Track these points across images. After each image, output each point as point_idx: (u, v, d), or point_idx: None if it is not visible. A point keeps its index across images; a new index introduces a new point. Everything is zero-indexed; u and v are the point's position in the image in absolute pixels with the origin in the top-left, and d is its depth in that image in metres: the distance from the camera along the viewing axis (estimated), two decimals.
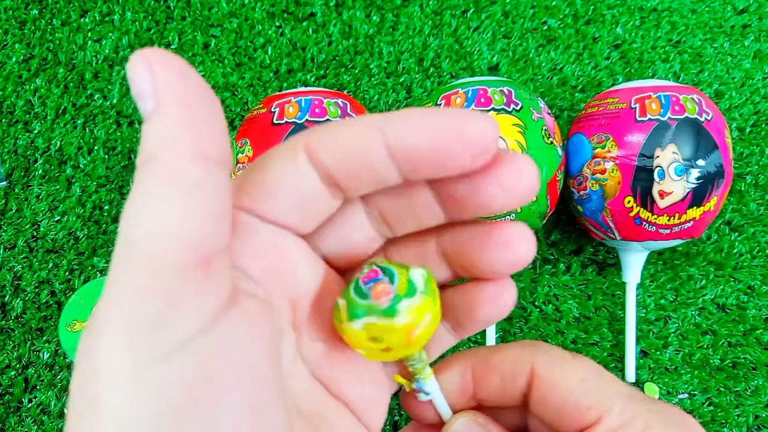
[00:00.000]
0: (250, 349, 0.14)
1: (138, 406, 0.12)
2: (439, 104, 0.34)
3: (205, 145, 0.13)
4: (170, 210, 0.12)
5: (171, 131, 0.13)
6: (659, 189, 0.32)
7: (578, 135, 0.36)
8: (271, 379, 0.14)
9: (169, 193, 0.12)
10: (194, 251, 0.12)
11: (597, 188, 0.34)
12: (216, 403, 0.12)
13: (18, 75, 0.42)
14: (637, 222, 0.33)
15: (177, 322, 0.12)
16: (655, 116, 0.33)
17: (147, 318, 0.12)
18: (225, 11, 0.44)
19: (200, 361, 0.12)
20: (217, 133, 0.13)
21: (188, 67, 0.13)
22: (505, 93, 0.33)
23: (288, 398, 0.16)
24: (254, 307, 0.15)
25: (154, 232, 0.12)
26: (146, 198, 0.12)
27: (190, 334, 0.12)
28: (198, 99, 0.13)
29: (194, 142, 0.13)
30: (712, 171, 0.32)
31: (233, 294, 0.14)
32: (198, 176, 0.13)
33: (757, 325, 0.39)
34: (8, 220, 0.40)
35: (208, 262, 0.13)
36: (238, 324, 0.13)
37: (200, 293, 0.13)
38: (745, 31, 0.44)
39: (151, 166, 0.13)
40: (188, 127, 0.13)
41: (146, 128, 0.13)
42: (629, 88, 0.35)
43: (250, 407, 0.13)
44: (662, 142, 0.32)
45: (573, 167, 0.36)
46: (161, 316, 0.12)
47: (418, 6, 0.44)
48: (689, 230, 0.34)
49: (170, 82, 0.13)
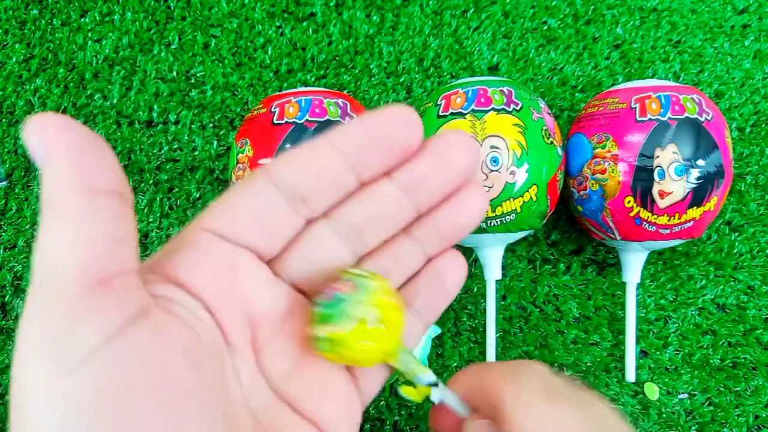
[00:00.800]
0: (159, 358, 0.15)
1: (52, 415, 0.13)
2: (439, 104, 0.34)
3: (91, 180, 0.14)
4: (62, 242, 0.14)
5: (59, 176, 0.14)
6: (659, 189, 0.32)
7: (578, 135, 0.36)
8: (191, 387, 0.15)
9: (60, 227, 0.14)
10: (89, 275, 0.14)
11: (597, 188, 0.34)
12: (125, 409, 0.14)
13: (18, 75, 0.42)
14: (637, 222, 0.33)
15: (80, 338, 0.14)
16: (655, 116, 0.33)
17: (53, 338, 0.14)
18: (225, 11, 0.44)
19: (106, 371, 0.14)
20: (104, 168, 0.15)
21: (72, 121, 0.15)
22: (505, 93, 0.33)
23: (232, 409, 0.17)
24: (168, 320, 0.16)
25: (52, 264, 0.14)
26: (44, 235, 0.14)
27: (93, 347, 0.14)
28: (82, 144, 0.14)
29: (80, 179, 0.14)
30: (712, 171, 0.32)
31: (145, 308, 0.15)
32: (85, 208, 0.14)
33: (757, 325, 0.39)
34: (8, 220, 0.40)
35: (107, 282, 0.14)
36: (146, 335, 0.15)
37: (101, 311, 0.14)
38: (745, 31, 0.44)
39: (47, 208, 0.14)
40: (73, 170, 0.14)
41: (43, 180, 0.15)
42: (629, 88, 0.35)
43: (162, 412, 0.14)
44: (662, 142, 0.32)
45: (573, 167, 0.36)
46: (65, 334, 0.14)
47: (418, 6, 0.44)
48: (689, 230, 0.34)
49: (56, 139, 0.14)
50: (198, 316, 0.17)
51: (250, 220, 0.18)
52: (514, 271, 0.40)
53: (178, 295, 0.17)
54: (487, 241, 0.35)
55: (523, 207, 0.33)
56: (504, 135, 0.32)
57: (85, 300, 0.14)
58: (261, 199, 0.18)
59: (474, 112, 0.33)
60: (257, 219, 0.18)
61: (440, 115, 0.33)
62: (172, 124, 0.42)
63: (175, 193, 0.41)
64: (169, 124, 0.42)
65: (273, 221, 0.18)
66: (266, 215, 0.18)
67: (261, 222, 0.18)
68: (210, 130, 0.42)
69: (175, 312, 0.16)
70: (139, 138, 0.41)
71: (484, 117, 0.32)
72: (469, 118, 0.32)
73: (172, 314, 0.16)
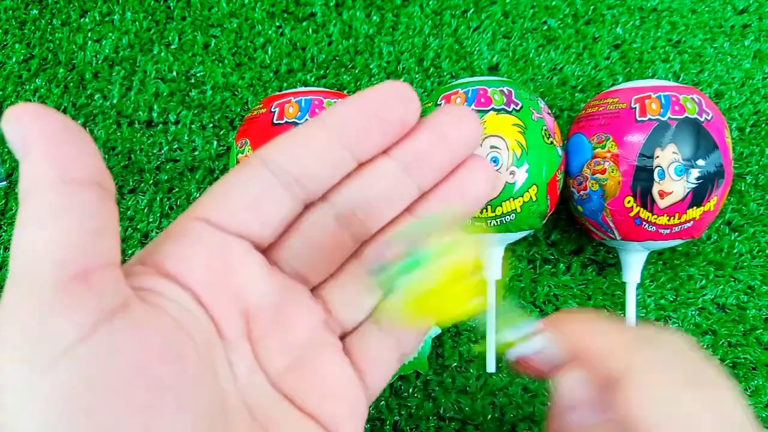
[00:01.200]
0: (136, 353, 0.14)
1: (31, 416, 0.13)
2: (439, 104, 0.34)
3: (69, 172, 0.14)
4: (39, 235, 0.14)
5: (35, 167, 0.14)
6: (659, 189, 0.32)
7: (578, 135, 0.36)
8: (171, 381, 0.15)
9: (37, 221, 0.14)
10: (66, 269, 0.14)
11: (597, 188, 0.34)
12: (101, 407, 0.13)
13: (18, 75, 0.42)
14: (637, 222, 0.33)
15: (54, 334, 0.13)
16: (655, 116, 0.33)
17: (28, 335, 0.13)
18: (225, 11, 0.44)
19: (80, 368, 0.13)
20: (83, 158, 0.14)
21: (49, 110, 0.14)
22: (505, 93, 0.33)
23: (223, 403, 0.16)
24: (149, 314, 0.15)
25: (28, 258, 0.14)
26: (19, 229, 0.14)
27: (68, 343, 0.13)
28: (61, 133, 0.14)
29: (57, 171, 0.14)
30: (712, 171, 0.32)
31: (124, 302, 0.15)
32: (62, 201, 0.14)
33: (757, 325, 0.39)
34: (8, 220, 0.40)
35: (85, 277, 0.14)
36: (124, 330, 0.14)
37: (77, 306, 0.14)
38: (745, 31, 0.44)
39: (23, 201, 0.14)
40: (50, 160, 0.14)
41: (20, 171, 0.15)
42: (629, 88, 0.35)
43: (139, 410, 0.14)
44: (662, 142, 0.32)
45: (573, 167, 0.36)
46: (39, 331, 0.13)
47: (418, 6, 0.44)
48: (689, 230, 0.34)
49: (32, 128, 0.14)
50: (187, 308, 0.16)
51: (245, 207, 0.17)
52: (514, 271, 0.40)
53: (167, 287, 0.16)
54: (486, 240, 0.35)
55: (523, 207, 0.33)
56: (504, 135, 0.32)
57: (61, 295, 0.13)
58: (255, 185, 0.17)
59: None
60: (252, 206, 0.17)
61: None
62: (172, 124, 0.42)
63: (175, 193, 0.41)
64: (169, 124, 0.42)
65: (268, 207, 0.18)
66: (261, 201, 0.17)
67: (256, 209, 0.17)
68: (210, 130, 0.42)
69: (160, 305, 0.16)
70: (139, 138, 0.41)
71: (484, 117, 0.32)
72: None
73: (156, 307, 0.16)
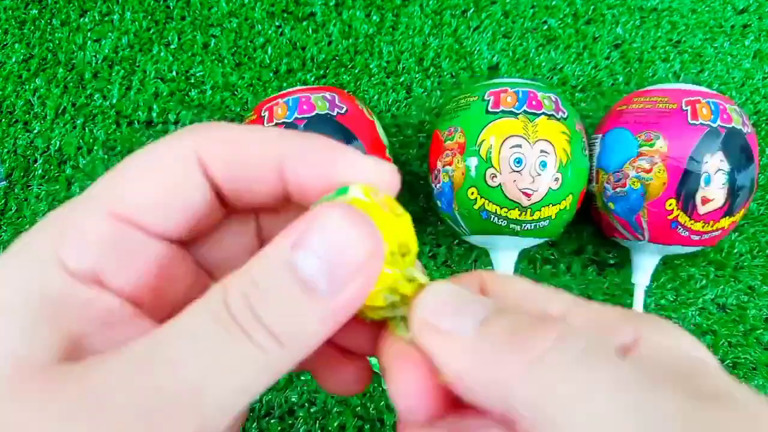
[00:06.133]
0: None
1: None
2: (486, 100, 0.33)
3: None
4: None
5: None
6: (703, 195, 0.32)
7: (621, 130, 0.35)
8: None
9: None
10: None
11: (638, 186, 0.33)
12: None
13: (18, 75, 0.42)
14: (672, 225, 0.33)
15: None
16: (707, 122, 0.32)
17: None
18: (225, 11, 0.44)
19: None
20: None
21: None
22: (553, 100, 0.33)
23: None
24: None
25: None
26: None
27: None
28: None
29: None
30: (747, 184, 0.33)
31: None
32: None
33: (757, 325, 0.39)
34: (8, 220, 0.40)
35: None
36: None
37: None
38: (745, 31, 0.44)
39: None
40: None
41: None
42: (676, 89, 0.34)
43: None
44: (712, 149, 0.32)
45: (611, 162, 0.35)
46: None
47: (418, 6, 0.44)
48: (713, 239, 0.34)
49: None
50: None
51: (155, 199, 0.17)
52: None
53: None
54: (502, 243, 0.35)
55: (557, 214, 0.33)
56: (553, 141, 0.32)
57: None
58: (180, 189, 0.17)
59: (526, 113, 0.32)
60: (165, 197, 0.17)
61: (489, 110, 0.33)
62: (171, 124, 0.42)
63: None
64: (168, 123, 0.42)
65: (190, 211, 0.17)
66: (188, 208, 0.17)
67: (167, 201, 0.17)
68: None
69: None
70: (138, 138, 0.41)
71: (536, 120, 0.32)
72: (522, 119, 0.32)
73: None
